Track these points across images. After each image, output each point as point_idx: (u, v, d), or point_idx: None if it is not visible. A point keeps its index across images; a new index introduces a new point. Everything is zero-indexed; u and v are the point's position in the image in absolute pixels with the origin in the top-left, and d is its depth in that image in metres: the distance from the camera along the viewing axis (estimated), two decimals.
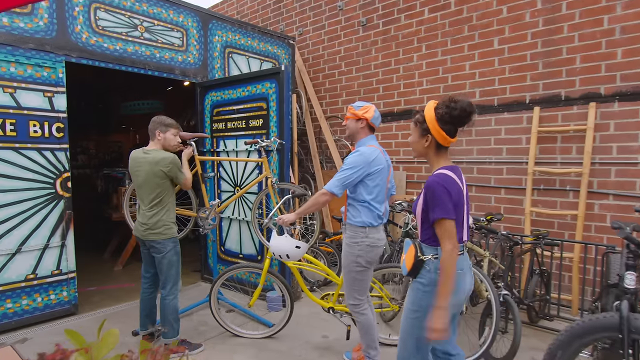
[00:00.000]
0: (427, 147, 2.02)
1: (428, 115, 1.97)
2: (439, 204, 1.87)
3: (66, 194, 3.89)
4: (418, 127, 2.02)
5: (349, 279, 2.82)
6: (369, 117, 2.79)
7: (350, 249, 2.76)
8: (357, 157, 2.69)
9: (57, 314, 3.87)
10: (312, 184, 6.27)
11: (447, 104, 1.92)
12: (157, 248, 3.06)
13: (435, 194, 1.89)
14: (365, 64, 5.73)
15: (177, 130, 3.17)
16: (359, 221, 2.73)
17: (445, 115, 1.92)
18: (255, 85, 4.33)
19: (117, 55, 4.18)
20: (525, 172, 4.40)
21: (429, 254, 2.00)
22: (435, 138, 1.96)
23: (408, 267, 2.04)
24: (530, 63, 4.36)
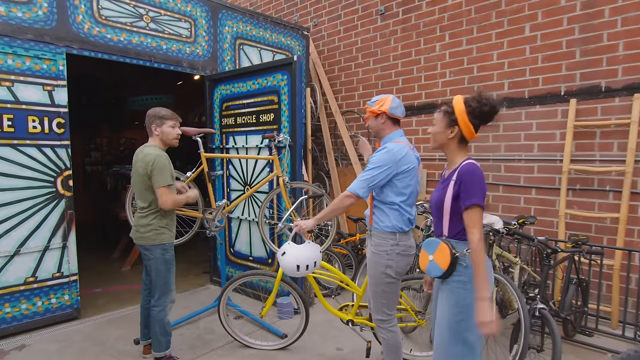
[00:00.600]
0: (451, 139, 1.98)
1: (458, 107, 1.93)
2: (476, 191, 1.84)
3: (67, 193, 3.71)
4: (446, 118, 1.97)
5: (377, 292, 2.51)
6: (386, 109, 2.48)
7: (378, 259, 2.45)
8: (384, 154, 2.38)
9: (59, 319, 3.69)
10: (327, 182, 5.99)
11: (479, 99, 1.91)
12: (145, 254, 2.84)
13: (475, 179, 1.86)
14: (384, 55, 5.41)
15: (174, 122, 2.86)
16: (387, 226, 2.42)
17: (476, 109, 1.90)
18: (266, 77, 4.07)
19: (122, 46, 3.96)
20: (559, 171, 4.02)
21: (461, 249, 1.92)
22: (462, 130, 1.93)
23: (443, 266, 1.91)
24: (566, 51, 3.97)
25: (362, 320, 3.14)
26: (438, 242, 1.96)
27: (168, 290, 2.85)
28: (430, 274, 2.01)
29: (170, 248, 2.85)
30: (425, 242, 2.05)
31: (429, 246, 2.00)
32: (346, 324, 3.16)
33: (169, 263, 2.84)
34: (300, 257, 2.68)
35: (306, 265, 2.68)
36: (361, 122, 5.69)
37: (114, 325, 3.73)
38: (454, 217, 1.93)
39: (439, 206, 1.98)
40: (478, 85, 4.52)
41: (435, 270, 1.95)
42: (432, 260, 1.96)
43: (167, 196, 2.71)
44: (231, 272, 4.66)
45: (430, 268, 1.99)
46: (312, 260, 2.70)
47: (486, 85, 4.46)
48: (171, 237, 2.85)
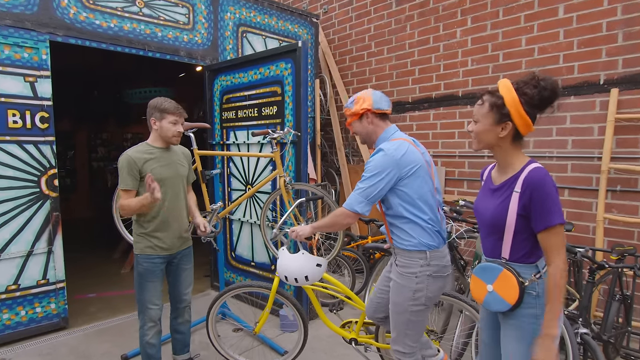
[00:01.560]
0: (503, 138, 1.60)
1: (510, 97, 1.55)
2: (554, 205, 1.50)
3: (52, 193, 3.41)
4: (494, 112, 1.59)
5: (400, 320, 2.10)
6: (369, 106, 2.11)
7: (405, 282, 2.04)
8: (381, 158, 1.99)
9: (44, 329, 3.42)
10: (337, 179, 5.62)
11: (536, 83, 1.53)
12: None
13: (550, 192, 1.51)
14: (399, 43, 4.98)
15: (176, 118, 2.46)
16: (412, 244, 2.02)
17: (535, 96, 1.53)
18: (268, 66, 3.70)
19: (112, 33, 3.64)
20: (596, 170, 3.57)
21: (529, 275, 1.59)
22: (517, 125, 1.57)
23: (510, 300, 1.57)
24: (607, 34, 3.50)
25: (367, 339, 2.78)
26: (499, 269, 1.60)
27: (142, 308, 2.49)
28: (490, 308, 1.65)
29: (145, 260, 2.45)
30: (480, 267, 1.67)
31: (486, 273, 1.64)
32: (349, 342, 2.80)
33: (142, 277, 2.47)
34: (289, 268, 2.40)
35: (295, 279, 2.39)
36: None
37: (102, 336, 3.44)
38: (518, 237, 1.59)
39: (495, 223, 1.62)
40: (504, 73, 4.07)
41: (498, 304, 1.61)
42: (492, 292, 1.62)
43: (120, 200, 2.38)
44: (232, 277, 4.34)
45: (491, 301, 1.62)
46: (303, 274, 2.39)
47: (513, 74, 4.01)
48: (149, 247, 2.46)
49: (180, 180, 2.58)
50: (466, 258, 4.05)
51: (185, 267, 2.67)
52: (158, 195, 2.21)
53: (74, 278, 4.77)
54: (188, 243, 2.69)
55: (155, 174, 2.42)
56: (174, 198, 2.53)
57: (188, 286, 2.71)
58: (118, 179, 2.43)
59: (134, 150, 2.45)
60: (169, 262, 2.60)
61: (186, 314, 2.74)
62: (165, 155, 2.52)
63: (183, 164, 2.63)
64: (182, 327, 2.75)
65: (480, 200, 1.76)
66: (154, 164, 2.45)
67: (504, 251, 1.62)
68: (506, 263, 1.61)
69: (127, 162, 2.38)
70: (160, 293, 2.52)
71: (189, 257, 2.70)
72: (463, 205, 3.34)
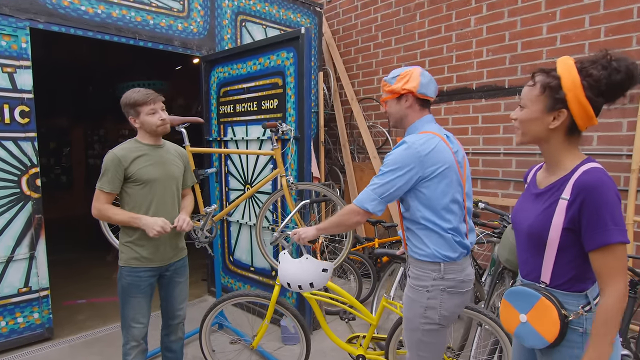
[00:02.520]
0: (554, 130, 1.29)
1: (569, 78, 1.21)
2: (613, 217, 1.17)
3: (34, 194, 3.15)
4: (546, 96, 1.27)
5: (412, 340, 1.83)
6: (413, 88, 1.77)
7: (416, 296, 1.78)
8: (403, 152, 1.69)
9: (27, 341, 3.17)
10: (341, 177, 5.34)
11: (605, 64, 1.20)
12: None
13: (608, 200, 1.18)
14: (408, 33, 4.68)
15: (151, 106, 2.15)
16: (426, 254, 1.75)
17: (602, 80, 1.19)
18: (268, 56, 3.42)
19: (99, 20, 3.36)
20: (626, 169, 3.28)
21: (574, 307, 1.27)
22: (574, 115, 1.24)
23: (548, 336, 1.26)
24: (638, 21, 3.20)
25: (377, 357, 2.52)
26: (536, 296, 1.30)
27: (125, 324, 2.22)
28: (524, 342, 1.35)
29: (129, 273, 2.17)
30: (513, 292, 1.38)
31: (520, 300, 1.35)
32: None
33: (125, 292, 2.19)
34: (292, 275, 2.15)
35: (298, 285, 2.14)
36: (380, 110, 4.99)
37: (89, 348, 3.19)
38: (564, 256, 1.28)
39: (534, 236, 1.32)
40: (523, 64, 3.77)
41: (533, 339, 1.31)
42: (526, 323, 1.32)
43: (95, 201, 2.12)
44: (230, 283, 4.08)
45: (525, 334, 1.33)
46: (307, 280, 2.13)
47: (533, 65, 3.71)
48: (134, 259, 2.18)
49: (172, 182, 2.29)
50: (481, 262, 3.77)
51: (179, 281, 2.39)
52: (157, 233, 2.04)
53: (65, 282, 4.55)
54: (182, 254, 2.40)
55: (144, 173, 2.15)
56: (163, 202, 2.24)
57: (182, 301, 2.42)
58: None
59: (120, 147, 2.17)
60: (161, 275, 2.32)
61: (179, 331, 2.47)
62: (156, 152, 2.24)
63: (177, 164, 2.34)
64: (174, 346, 2.47)
65: (520, 207, 1.46)
66: (143, 162, 2.17)
67: (544, 274, 1.32)
68: (546, 289, 1.31)
69: (113, 162, 2.10)
70: (146, 310, 2.24)
71: (183, 269, 2.41)
72: (483, 208, 3.05)
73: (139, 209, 2.17)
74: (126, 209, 2.18)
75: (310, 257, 2.20)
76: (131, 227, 2.15)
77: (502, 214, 3.08)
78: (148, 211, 2.17)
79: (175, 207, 2.30)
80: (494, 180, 3.99)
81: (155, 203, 2.20)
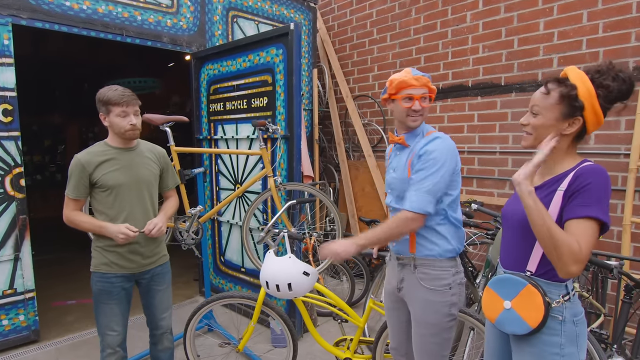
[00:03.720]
0: (567, 135, 1.37)
1: (585, 88, 1.31)
2: (600, 200, 1.25)
3: (19, 194, 3.08)
4: (564, 104, 1.34)
5: (436, 343, 1.78)
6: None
7: (438, 297, 1.74)
8: (441, 145, 1.68)
9: (12, 343, 3.11)
10: (336, 176, 5.26)
11: (615, 75, 1.31)
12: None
13: (602, 182, 1.27)
14: (403, 29, 4.60)
15: (123, 109, 2.01)
16: (447, 250, 1.75)
17: (614, 90, 1.30)
18: (258, 52, 3.34)
19: (84, 17, 3.28)
20: (623, 168, 3.21)
21: (557, 296, 1.35)
22: (588, 122, 1.34)
23: (532, 322, 1.33)
24: (637, 16, 3.11)
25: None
26: (522, 283, 1.36)
27: (99, 331, 2.14)
28: (504, 328, 1.39)
29: (100, 279, 2.09)
30: (498, 279, 1.44)
31: (506, 287, 1.40)
32: None
33: (97, 298, 2.11)
34: (270, 273, 2.10)
35: (276, 285, 2.07)
36: (376, 108, 4.91)
37: (76, 351, 3.14)
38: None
39: (527, 227, 1.34)
40: (519, 61, 3.69)
41: (516, 325, 1.36)
42: (510, 310, 1.37)
43: (64, 207, 2.07)
44: (221, 284, 4.02)
45: (507, 321, 1.37)
46: (285, 281, 2.07)
47: (529, 62, 3.63)
48: (104, 264, 2.10)
49: (143, 186, 2.17)
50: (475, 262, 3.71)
51: (158, 289, 2.28)
52: (122, 241, 1.98)
53: (55, 282, 4.50)
54: (160, 260, 2.28)
55: (109, 179, 2.06)
56: (133, 208, 2.13)
57: (164, 310, 2.32)
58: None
59: (86, 152, 2.09)
60: (138, 283, 2.24)
61: (165, 340, 2.37)
62: (124, 156, 2.13)
63: (149, 167, 2.22)
64: (162, 355, 2.39)
65: (511, 203, 1.49)
66: (109, 167, 2.07)
67: (532, 263, 1.38)
68: (531, 277, 1.37)
69: (77, 167, 2.03)
70: (120, 318, 2.15)
71: (163, 276, 2.30)
72: (476, 208, 2.98)
73: (108, 215, 2.08)
74: (96, 215, 2.10)
75: (294, 257, 2.14)
76: (99, 235, 2.09)
77: (495, 215, 3.00)
78: (118, 217, 2.08)
79: (148, 211, 2.19)
80: (489, 179, 3.92)
81: (124, 209, 2.10)
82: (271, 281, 2.07)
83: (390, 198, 1.87)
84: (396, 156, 1.87)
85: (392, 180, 1.84)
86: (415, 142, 1.78)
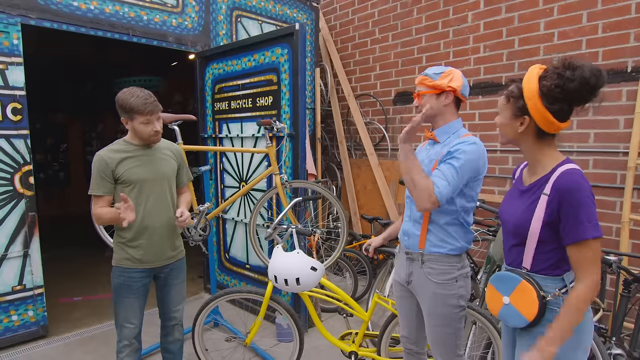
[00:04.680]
0: (522, 133, 1.43)
1: (528, 88, 1.35)
2: (588, 216, 1.30)
3: (28, 192, 3.13)
4: (511, 104, 1.43)
5: (448, 333, 1.86)
6: (457, 87, 1.81)
7: (447, 290, 1.82)
8: (472, 146, 1.74)
9: (21, 339, 3.17)
10: (338, 174, 5.32)
11: (561, 72, 1.31)
12: None
13: (583, 200, 1.30)
14: (405, 29, 4.65)
15: (147, 117, 2.06)
16: (455, 248, 1.83)
17: (554, 89, 1.31)
18: (263, 52, 3.39)
19: (92, 16, 3.33)
20: (622, 166, 3.27)
21: (552, 289, 1.39)
22: (536, 121, 1.38)
23: (528, 315, 1.39)
24: (636, 17, 3.17)
25: (369, 353, 2.52)
26: (517, 279, 1.43)
27: (117, 323, 2.21)
28: (506, 322, 1.47)
29: (122, 273, 2.16)
30: (497, 276, 1.52)
31: (503, 283, 1.47)
32: (348, 357, 2.55)
33: (117, 292, 2.18)
34: (279, 268, 2.18)
35: (284, 280, 2.15)
36: (378, 107, 4.97)
37: (85, 346, 3.19)
38: (543, 247, 1.40)
39: (519, 229, 1.45)
40: (520, 61, 3.75)
41: (514, 318, 1.43)
42: (508, 305, 1.44)
43: (93, 207, 2.11)
44: (226, 280, 4.08)
45: (507, 315, 1.44)
46: (293, 275, 2.15)
47: (530, 62, 3.68)
48: (126, 259, 2.16)
49: (164, 181, 2.24)
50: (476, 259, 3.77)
51: (175, 283, 2.35)
52: (128, 218, 1.95)
53: (61, 279, 4.55)
54: (179, 255, 2.36)
55: (132, 174, 2.12)
56: (155, 203, 2.20)
57: (178, 303, 2.40)
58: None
59: (107, 149, 2.14)
60: (156, 277, 2.30)
61: (176, 332, 2.44)
62: (145, 152, 2.19)
63: (168, 163, 2.29)
64: (172, 347, 2.46)
65: (507, 203, 1.56)
66: (131, 163, 2.14)
67: (526, 261, 1.45)
68: (527, 274, 1.43)
69: (100, 165, 2.08)
70: (138, 311, 2.22)
71: (179, 270, 2.37)
72: (478, 206, 3.03)
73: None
74: None
75: (302, 252, 2.20)
76: (124, 228, 2.12)
77: (497, 212, 3.06)
78: (140, 211, 2.14)
79: (169, 206, 2.27)
80: (490, 177, 3.97)
81: (147, 203, 2.16)
82: (280, 275, 2.13)
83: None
84: (426, 150, 1.94)
85: None
86: (447, 139, 1.84)
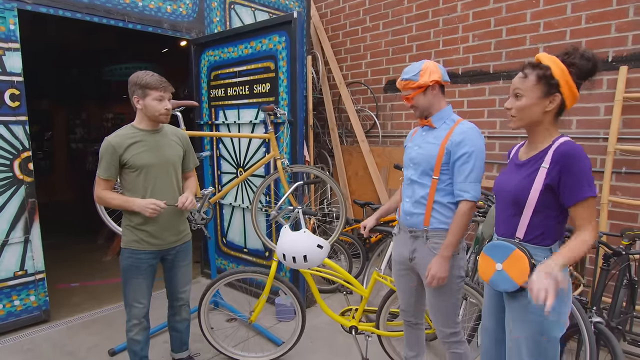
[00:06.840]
0: (548, 112, 1.53)
1: (558, 68, 1.47)
2: (587, 177, 1.45)
3: (27, 178, 3.15)
4: (542, 84, 1.50)
5: (451, 303, 2.04)
6: (438, 78, 1.96)
7: (451, 262, 1.97)
8: (478, 137, 1.94)
9: (24, 323, 3.21)
10: (330, 161, 5.43)
11: (582, 54, 1.49)
12: None
13: (582, 162, 1.45)
14: (395, 17, 4.74)
15: (161, 93, 2.16)
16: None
17: (583, 67, 1.48)
18: (260, 39, 3.44)
19: (87, 2, 3.32)
20: (602, 151, 3.46)
21: (541, 258, 1.52)
22: (565, 97, 1.50)
23: (519, 280, 1.50)
24: (617, 9, 3.34)
25: (368, 327, 2.66)
26: (511, 247, 1.54)
27: (126, 303, 2.30)
28: (497, 287, 1.59)
29: (130, 255, 2.24)
30: (491, 245, 1.62)
31: (497, 251, 1.59)
32: (348, 331, 2.69)
33: (126, 273, 2.26)
34: (287, 246, 2.30)
35: (292, 257, 2.27)
36: (369, 94, 5.07)
37: (88, 329, 3.26)
38: (538, 215, 1.53)
39: (517, 198, 1.56)
40: (507, 50, 3.89)
41: (506, 283, 1.54)
42: (501, 271, 1.55)
43: (95, 187, 2.20)
44: (224, 264, 4.17)
45: (499, 280, 1.56)
46: (301, 253, 2.27)
47: (517, 51, 3.84)
48: (135, 241, 2.24)
49: (170, 166, 2.30)
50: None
51: (182, 265, 2.44)
52: (151, 214, 2.10)
53: (55, 266, 4.53)
54: (185, 238, 2.45)
55: (138, 159, 2.18)
56: (161, 187, 2.26)
57: (185, 284, 2.50)
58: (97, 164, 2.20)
59: (115, 135, 2.20)
60: (163, 258, 2.38)
61: (183, 312, 2.55)
62: (153, 138, 2.25)
63: (174, 148, 2.35)
64: (179, 326, 2.57)
65: (503, 176, 1.70)
66: (138, 148, 2.19)
67: (520, 230, 1.57)
68: (520, 243, 1.56)
69: (107, 149, 2.14)
70: (146, 291, 2.31)
71: (186, 253, 2.46)
72: None
73: (137, 194, 2.21)
74: (126, 194, 2.23)
75: (308, 231, 2.32)
76: (133, 212, 2.20)
77: (486, 194, 3.22)
78: (146, 196, 2.20)
79: (175, 190, 2.33)
80: None
81: (153, 188, 2.23)
82: (288, 253, 2.24)
83: (412, 172, 2.05)
84: (422, 136, 2.08)
85: (416, 155, 2.03)
86: (442, 124, 2.01)
